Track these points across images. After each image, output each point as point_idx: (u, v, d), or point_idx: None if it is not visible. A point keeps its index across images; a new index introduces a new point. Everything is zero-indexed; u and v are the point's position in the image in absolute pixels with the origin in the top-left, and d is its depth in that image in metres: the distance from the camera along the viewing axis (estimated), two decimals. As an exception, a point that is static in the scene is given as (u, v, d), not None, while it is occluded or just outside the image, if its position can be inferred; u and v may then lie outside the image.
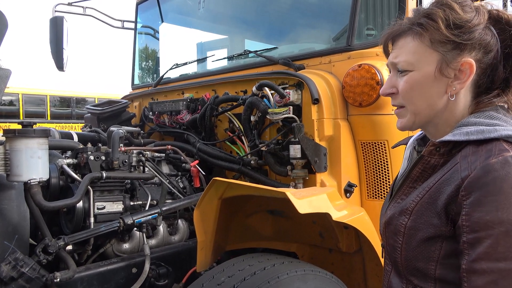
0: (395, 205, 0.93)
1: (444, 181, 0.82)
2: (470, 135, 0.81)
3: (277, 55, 2.39)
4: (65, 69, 3.11)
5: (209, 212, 1.73)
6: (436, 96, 0.89)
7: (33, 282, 1.53)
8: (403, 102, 0.93)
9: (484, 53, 0.85)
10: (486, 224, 0.72)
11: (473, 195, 0.75)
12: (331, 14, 2.35)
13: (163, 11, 3.37)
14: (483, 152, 0.78)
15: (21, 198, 1.67)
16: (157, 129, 2.91)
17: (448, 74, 0.86)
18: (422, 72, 0.89)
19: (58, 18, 3.02)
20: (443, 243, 0.81)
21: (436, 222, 0.81)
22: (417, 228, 0.84)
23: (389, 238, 0.92)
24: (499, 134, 0.79)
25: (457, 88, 0.87)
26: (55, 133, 2.40)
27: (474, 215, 0.74)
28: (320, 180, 1.94)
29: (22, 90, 14.21)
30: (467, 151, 0.81)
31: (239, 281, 1.46)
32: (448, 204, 0.80)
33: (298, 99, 2.01)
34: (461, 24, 0.84)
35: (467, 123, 0.85)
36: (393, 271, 0.94)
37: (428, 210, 0.83)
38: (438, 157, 0.86)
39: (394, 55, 0.94)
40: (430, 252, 0.83)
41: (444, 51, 0.86)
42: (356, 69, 1.94)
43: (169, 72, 3.10)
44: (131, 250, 2.00)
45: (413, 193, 0.89)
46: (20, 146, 1.61)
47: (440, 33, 0.85)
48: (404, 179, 0.93)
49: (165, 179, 2.22)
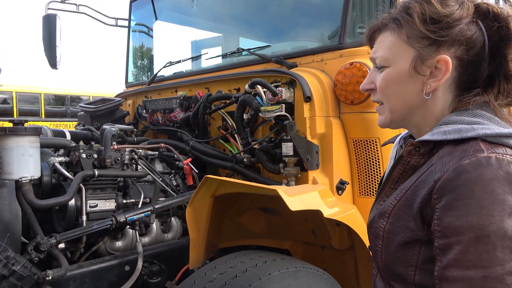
0: (377, 207, 0.89)
1: (419, 183, 0.78)
2: (447, 135, 0.77)
3: (270, 53, 2.39)
4: (58, 67, 3.10)
5: (201, 210, 1.74)
6: (412, 94, 0.85)
7: (24, 280, 1.53)
8: (381, 99, 0.91)
9: (465, 49, 0.80)
10: (456, 230, 0.68)
11: (445, 198, 0.71)
12: (323, 13, 2.36)
13: (157, 9, 3.36)
14: (458, 153, 0.74)
15: (12, 196, 1.67)
16: (151, 127, 2.91)
17: (422, 71, 0.82)
18: (397, 68, 0.85)
19: (51, 16, 3.00)
20: (422, 248, 0.77)
21: (413, 226, 0.77)
22: (395, 232, 0.81)
23: (371, 241, 0.90)
24: (477, 133, 0.74)
25: (432, 86, 0.82)
26: (47, 131, 2.39)
27: (445, 219, 0.70)
28: (312, 177, 1.95)
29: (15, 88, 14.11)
30: (443, 151, 0.77)
31: (230, 278, 1.46)
32: (423, 208, 0.76)
33: (290, 97, 2.02)
34: (438, 19, 0.80)
35: (448, 121, 0.81)
36: (378, 275, 0.91)
37: (405, 213, 0.79)
38: (418, 157, 0.82)
39: (374, 50, 0.92)
40: (408, 257, 0.79)
41: (420, 47, 0.82)
42: (347, 67, 1.95)
43: (163, 70, 3.10)
44: (124, 248, 2.00)
45: (392, 195, 0.85)
46: (11, 144, 1.60)
47: (416, 28, 0.81)
48: (386, 180, 0.90)
49: (158, 177, 2.22)
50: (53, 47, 2.99)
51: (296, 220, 1.97)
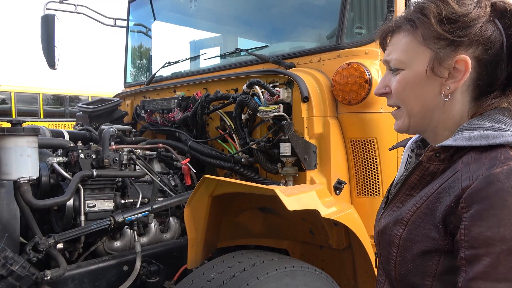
0: (390, 213, 0.86)
1: (443, 190, 0.75)
2: (473, 140, 0.74)
3: (268, 54, 2.40)
4: (56, 67, 3.10)
5: (199, 210, 1.74)
6: (430, 96, 0.82)
7: (23, 280, 1.53)
8: (398, 103, 0.88)
9: (483, 49, 0.77)
10: (486, 241, 0.65)
11: (474, 207, 0.68)
12: (321, 13, 2.37)
13: (156, 9, 3.37)
14: (487, 160, 0.70)
15: (11, 196, 1.67)
16: (149, 127, 2.91)
17: (441, 73, 0.80)
18: (413, 70, 0.83)
19: (49, 16, 3.00)
20: (441, 257, 0.74)
21: (434, 234, 0.74)
22: (413, 241, 0.77)
23: (382, 249, 0.86)
24: (506, 140, 0.71)
25: (451, 87, 0.80)
26: (45, 131, 2.39)
27: (473, 229, 0.67)
28: (310, 177, 1.96)
29: (14, 88, 14.08)
30: (469, 158, 0.74)
31: (228, 277, 1.47)
32: (447, 216, 0.73)
33: (288, 97, 2.03)
34: (455, 18, 0.77)
35: (470, 126, 0.77)
36: (387, 283, 0.88)
37: (426, 221, 0.76)
38: (438, 163, 0.79)
39: (387, 53, 0.88)
40: (426, 267, 0.76)
41: (437, 48, 0.79)
42: (345, 68, 1.95)
43: (161, 70, 3.10)
44: (123, 248, 2.00)
45: (410, 201, 0.81)
46: (9, 144, 1.61)
47: (432, 29, 0.79)
48: (401, 185, 0.85)
49: (156, 177, 2.23)
50: (51, 47, 2.99)
51: (294, 220, 1.98)
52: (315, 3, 2.45)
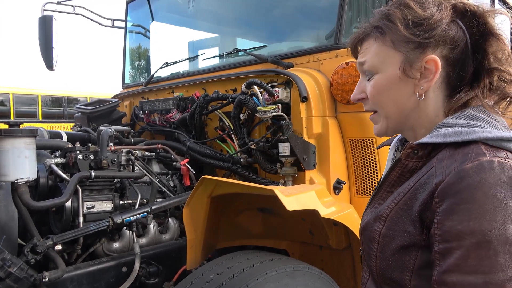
0: (372, 210, 0.88)
1: (419, 186, 0.77)
2: (447, 137, 0.77)
3: (266, 54, 2.40)
4: (54, 69, 3.09)
5: (198, 210, 1.74)
6: (405, 98, 0.86)
7: (21, 282, 1.52)
8: (374, 107, 0.91)
9: (450, 48, 0.82)
10: (457, 234, 0.67)
11: (446, 202, 0.70)
12: (319, 13, 2.37)
13: (154, 10, 3.36)
14: (459, 156, 0.73)
15: (9, 198, 1.66)
16: (148, 128, 2.91)
17: (412, 74, 0.83)
18: (386, 74, 0.86)
19: (47, 17, 3.00)
20: (419, 252, 0.76)
21: (411, 230, 0.76)
22: (392, 236, 0.79)
23: (365, 245, 0.88)
24: (478, 136, 0.74)
25: (424, 87, 0.83)
26: (44, 132, 2.38)
27: (446, 223, 0.69)
28: (309, 177, 1.96)
29: (12, 90, 14.06)
30: (444, 154, 0.76)
31: (227, 278, 1.46)
32: (422, 211, 0.75)
33: (287, 97, 2.02)
34: (420, 22, 0.81)
35: (446, 124, 0.80)
36: (370, 279, 0.89)
37: (403, 217, 0.78)
38: (416, 160, 0.82)
39: (359, 59, 0.92)
40: (405, 262, 0.78)
41: (407, 51, 0.83)
42: (344, 67, 1.95)
43: (160, 71, 3.10)
44: (121, 249, 1.99)
45: (389, 198, 0.84)
46: (6, 146, 1.60)
47: (400, 33, 0.83)
48: (382, 182, 0.88)
49: (155, 178, 2.22)
50: (49, 49, 2.98)
51: (293, 220, 1.97)
52: (314, 3, 2.45)
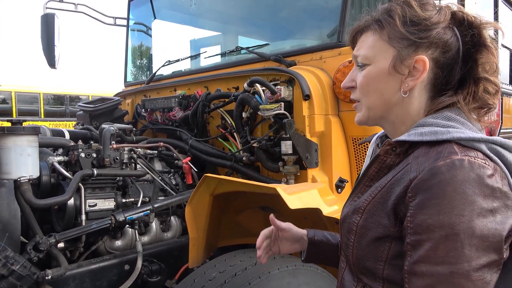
0: (351, 203, 0.93)
1: (395, 181, 0.82)
2: (424, 136, 0.81)
3: (269, 52, 2.39)
4: (57, 67, 3.09)
5: (200, 209, 1.74)
6: (390, 92, 0.89)
7: (24, 279, 1.53)
8: (359, 96, 0.94)
9: (441, 52, 0.85)
10: (428, 227, 0.72)
11: (418, 197, 0.75)
12: (322, 11, 2.36)
13: (156, 8, 3.36)
14: (433, 154, 0.77)
15: (11, 196, 1.67)
16: (150, 126, 2.91)
17: (401, 70, 0.87)
18: (377, 66, 0.89)
19: (49, 15, 2.99)
20: (392, 243, 0.81)
21: (386, 222, 0.81)
22: (368, 228, 0.84)
23: (343, 236, 0.93)
24: (451, 136, 0.78)
25: (410, 84, 0.86)
26: (46, 131, 2.39)
27: (417, 217, 0.74)
28: (312, 175, 1.95)
29: (14, 88, 14.07)
30: (419, 151, 0.81)
31: (230, 276, 1.47)
32: (397, 205, 0.79)
33: (289, 95, 2.02)
34: (418, 21, 0.85)
35: (424, 123, 0.85)
36: (347, 268, 0.94)
37: (379, 210, 0.83)
38: (394, 157, 0.86)
39: (356, 49, 0.95)
40: (379, 252, 0.83)
41: (400, 47, 0.86)
42: (346, 65, 1.94)
43: (162, 69, 3.09)
44: (124, 247, 2.00)
45: (368, 192, 0.88)
46: (9, 143, 1.60)
47: (397, 29, 0.86)
48: (361, 177, 0.93)
49: (157, 176, 2.22)
50: (51, 47, 2.98)
51: (295, 219, 1.96)
52: (316, 1, 2.44)
